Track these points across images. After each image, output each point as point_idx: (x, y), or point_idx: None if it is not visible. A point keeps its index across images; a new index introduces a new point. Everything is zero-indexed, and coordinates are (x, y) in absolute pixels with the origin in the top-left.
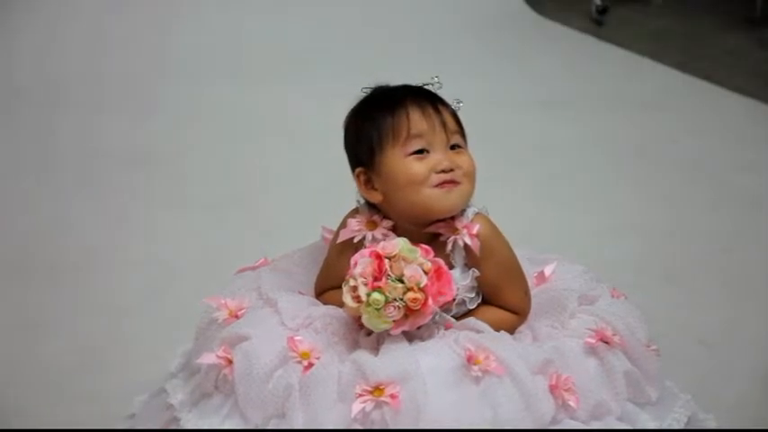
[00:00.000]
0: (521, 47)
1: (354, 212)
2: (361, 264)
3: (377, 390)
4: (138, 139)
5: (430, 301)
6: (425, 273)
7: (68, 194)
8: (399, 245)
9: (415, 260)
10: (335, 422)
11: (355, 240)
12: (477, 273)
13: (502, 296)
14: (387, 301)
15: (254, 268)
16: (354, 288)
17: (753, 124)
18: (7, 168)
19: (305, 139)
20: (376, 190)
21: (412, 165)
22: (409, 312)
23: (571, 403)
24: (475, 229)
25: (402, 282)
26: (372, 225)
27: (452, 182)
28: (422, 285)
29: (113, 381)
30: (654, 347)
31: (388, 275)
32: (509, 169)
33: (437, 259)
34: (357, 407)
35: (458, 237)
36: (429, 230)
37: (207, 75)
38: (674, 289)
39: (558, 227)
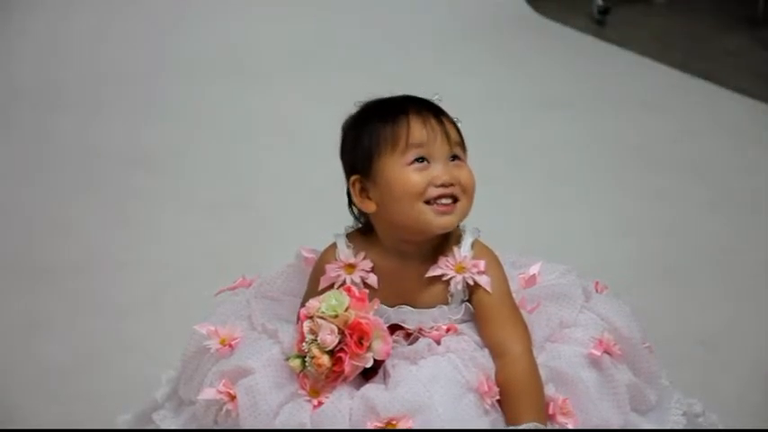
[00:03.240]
0: (522, 47)
1: (332, 249)
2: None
3: (389, 425)
4: (138, 139)
5: (347, 361)
6: (341, 330)
7: (68, 195)
8: (324, 300)
9: (335, 317)
10: None
11: (335, 287)
12: (471, 308)
13: (496, 327)
14: (304, 366)
15: (232, 288)
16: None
17: (754, 125)
18: (7, 169)
19: (306, 139)
20: (371, 199)
21: (410, 175)
22: (333, 373)
23: (569, 426)
24: (482, 266)
25: (317, 343)
26: (350, 269)
27: (450, 204)
28: (329, 348)
29: (112, 382)
30: (647, 344)
31: (309, 338)
32: (509, 169)
33: (367, 312)
34: None
35: (465, 276)
36: (430, 274)
37: (207, 76)
38: (673, 289)
39: (557, 227)
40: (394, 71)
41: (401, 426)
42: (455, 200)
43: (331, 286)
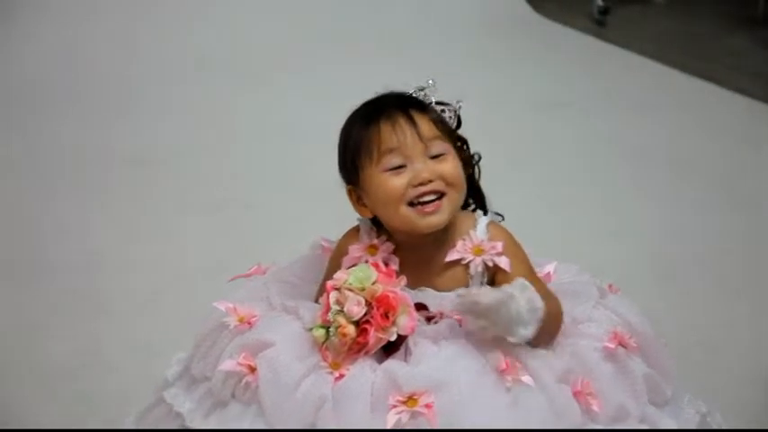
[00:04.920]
0: (522, 47)
1: (355, 232)
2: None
3: (410, 400)
4: (139, 140)
5: (372, 333)
6: (368, 302)
7: (69, 196)
8: (352, 273)
9: (362, 290)
10: None
11: None
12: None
13: None
14: (327, 336)
15: (248, 275)
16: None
17: (754, 125)
18: (8, 169)
19: (306, 138)
20: (366, 207)
21: (388, 180)
22: (356, 344)
23: (594, 407)
24: (500, 247)
25: (343, 313)
26: (373, 250)
27: (434, 202)
28: (355, 319)
29: (112, 382)
30: (662, 341)
31: (335, 308)
32: (509, 169)
33: (396, 288)
34: (392, 418)
35: (484, 258)
36: (449, 259)
37: (208, 76)
38: (673, 289)
39: (557, 227)
40: (394, 71)
41: (422, 401)
42: (441, 195)
43: (353, 267)
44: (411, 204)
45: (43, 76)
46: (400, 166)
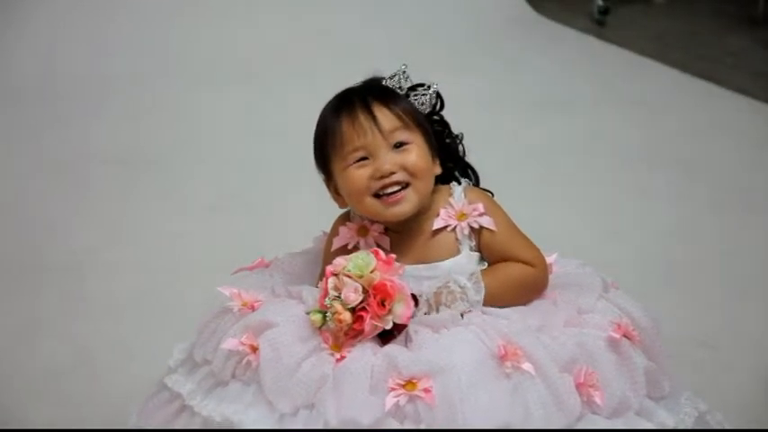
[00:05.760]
0: (522, 47)
1: (345, 217)
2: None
3: (409, 384)
4: (132, 140)
5: (367, 321)
6: (366, 290)
7: (62, 196)
8: (351, 260)
9: (360, 277)
10: (367, 415)
11: (349, 248)
12: (485, 265)
13: (514, 257)
14: (324, 321)
15: (251, 269)
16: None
17: (754, 125)
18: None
19: (304, 139)
20: (341, 196)
21: (352, 174)
22: (352, 331)
23: (597, 399)
24: (481, 208)
25: (340, 299)
26: (364, 231)
27: (397, 193)
28: (352, 306)
29: (109, 383)
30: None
31: (333, 294)
32: (509, 169)
33: (394, 276)
34: (390, 401)
35: (469, 221)
36: (435, 227)
37: (205, 76)
38: (674, 289)
39: (557, 227)
40: (394, 71)
41: (421, 385)
42: (405, 185)
43: (344, 247)
44: (376, 196)
45: (34, 75)
46: (364, 158)
